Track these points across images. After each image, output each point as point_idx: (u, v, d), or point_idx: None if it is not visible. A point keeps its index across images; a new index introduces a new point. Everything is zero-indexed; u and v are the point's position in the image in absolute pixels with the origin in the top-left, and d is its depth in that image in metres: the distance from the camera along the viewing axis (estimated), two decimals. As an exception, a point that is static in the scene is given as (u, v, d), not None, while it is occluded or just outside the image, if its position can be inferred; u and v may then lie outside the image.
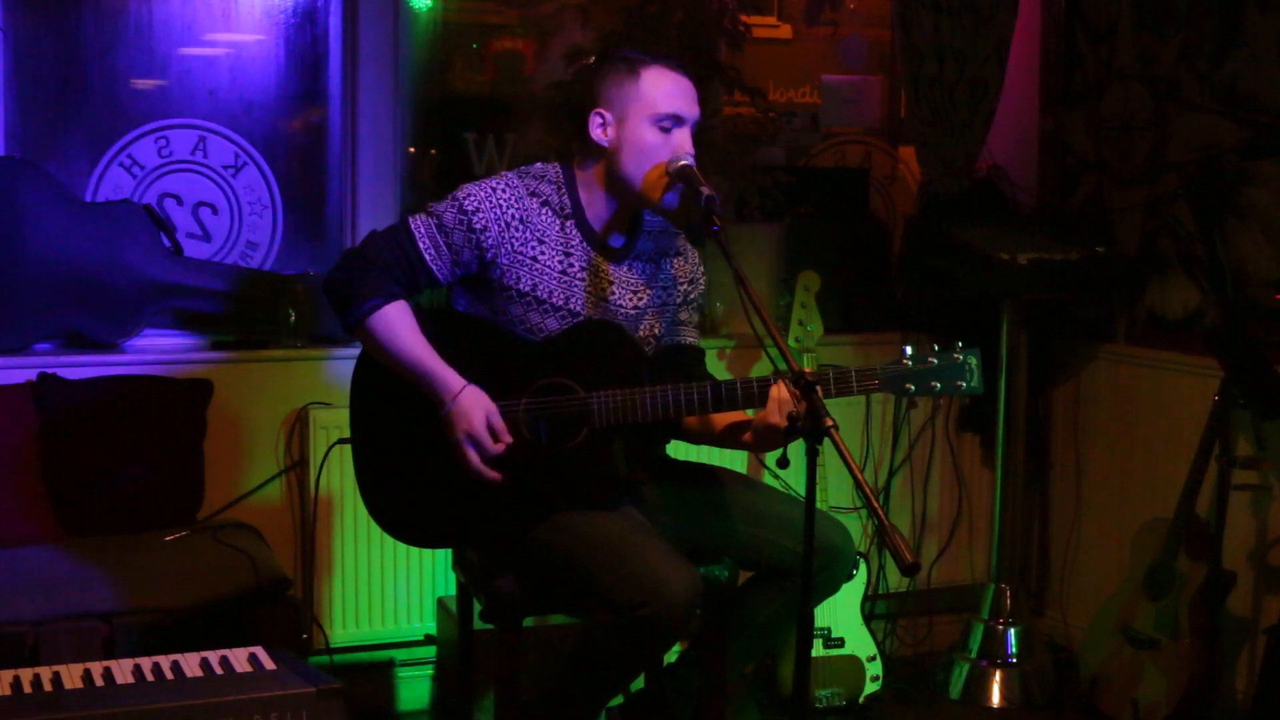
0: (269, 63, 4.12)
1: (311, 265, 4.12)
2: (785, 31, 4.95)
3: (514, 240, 2.89)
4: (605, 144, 2.91)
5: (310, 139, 4.19)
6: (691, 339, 3.11)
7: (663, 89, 2.88)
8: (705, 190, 2.77)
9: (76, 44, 3.93)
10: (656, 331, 3.04)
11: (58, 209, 3.71)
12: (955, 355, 2.77)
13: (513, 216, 2.89)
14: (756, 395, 2.80)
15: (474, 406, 2.81)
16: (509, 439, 2.83)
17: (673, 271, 3.06)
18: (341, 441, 3.70)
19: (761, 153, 4.47)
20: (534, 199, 2.92)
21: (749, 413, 2.90)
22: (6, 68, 3.85)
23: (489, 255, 2.88)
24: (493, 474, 2.83)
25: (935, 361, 2.77)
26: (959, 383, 2.77)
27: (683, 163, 2.85)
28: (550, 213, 2.93)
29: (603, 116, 2.91)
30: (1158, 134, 4.18)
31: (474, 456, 2.82)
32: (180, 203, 4.04)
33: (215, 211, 4.08)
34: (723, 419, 2.96)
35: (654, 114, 2.87)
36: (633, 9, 4.08)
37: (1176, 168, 4.12)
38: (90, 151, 3.96)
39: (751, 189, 4.20)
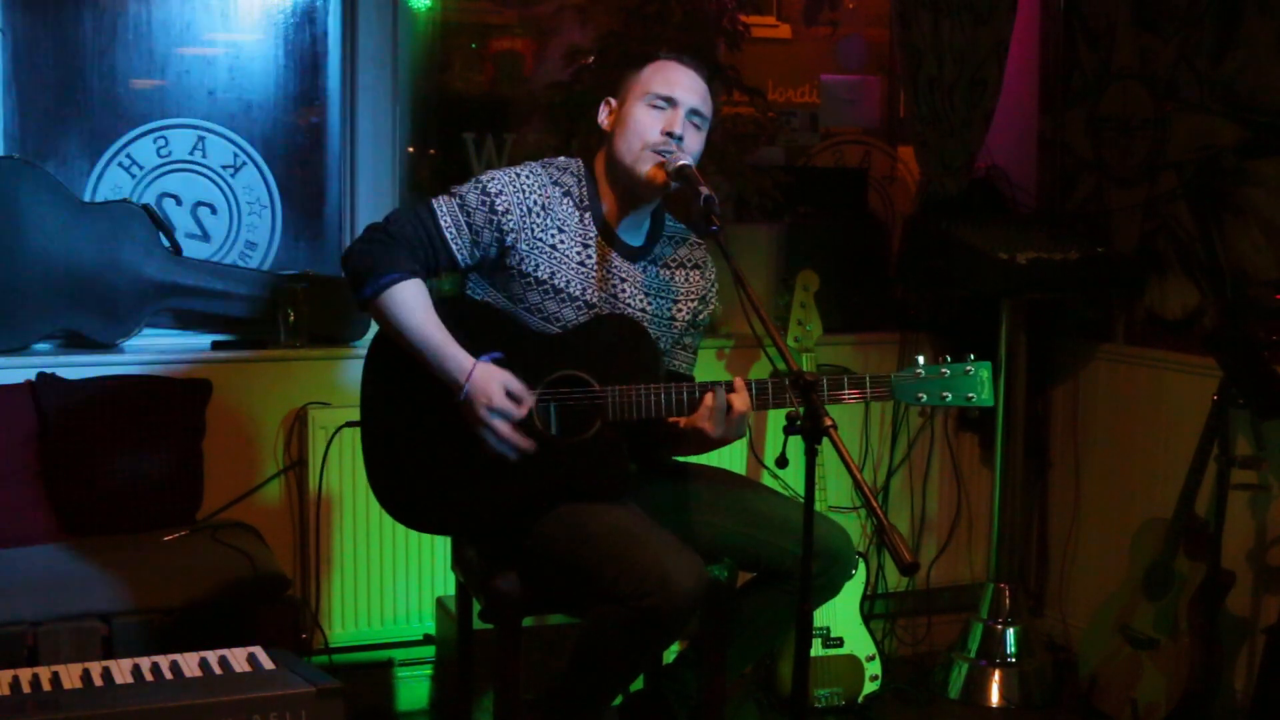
0: (268, 63, 4.12)
1: (310, 265, 4.12)
2: (784, 31, 4.95)
3: (535, 226, 2.90)
4: (607, 128, 2.98)
5: (309, 139, 4.19)
6: (686, 366, 3.12)
7: (661, 74, 2.93)
8: (704, 190, 2.77)
9: (75, 44, 3.93)
10: (662, 344, 3.04)
11: (57, 209, 3.71)
12: (967, 368, 2.81)
13: (535, 203, 2.91)
14: (771, 396, 2.81)
15: (489, 380, 2.80)
16: (531, 400, 2.83)
17: (684, 286, 3.06)
18: (349, 425, 3.69)
19: (760, 152, 4.47)
20: (557, 188, 2.94)
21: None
22: (6, 68, 3.85)
23: (509, 240, 2.89)
24: (527, 442, 2.83)
25: (947, 373, 2.81)
26: (969, 394, 2.81)
27: (681, 162, 2.86)
28: (571, 204, 2.94)
29: (609, 104, 2.99)
30: (1156, 134, 4.18)
31: (502, 426, 2.80)
32: (179, 203, 4.04)
33: (214, 211, 4.08)
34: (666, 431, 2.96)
35: (646, 93, 2.92)
36: (632, 9, 4.08)
37: (1175, 167, 4.13)
38: (89, 151, 3.96)
39: (750, 189, 4.20)
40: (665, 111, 2.91)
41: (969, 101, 4.32)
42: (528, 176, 2.93)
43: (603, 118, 2.99)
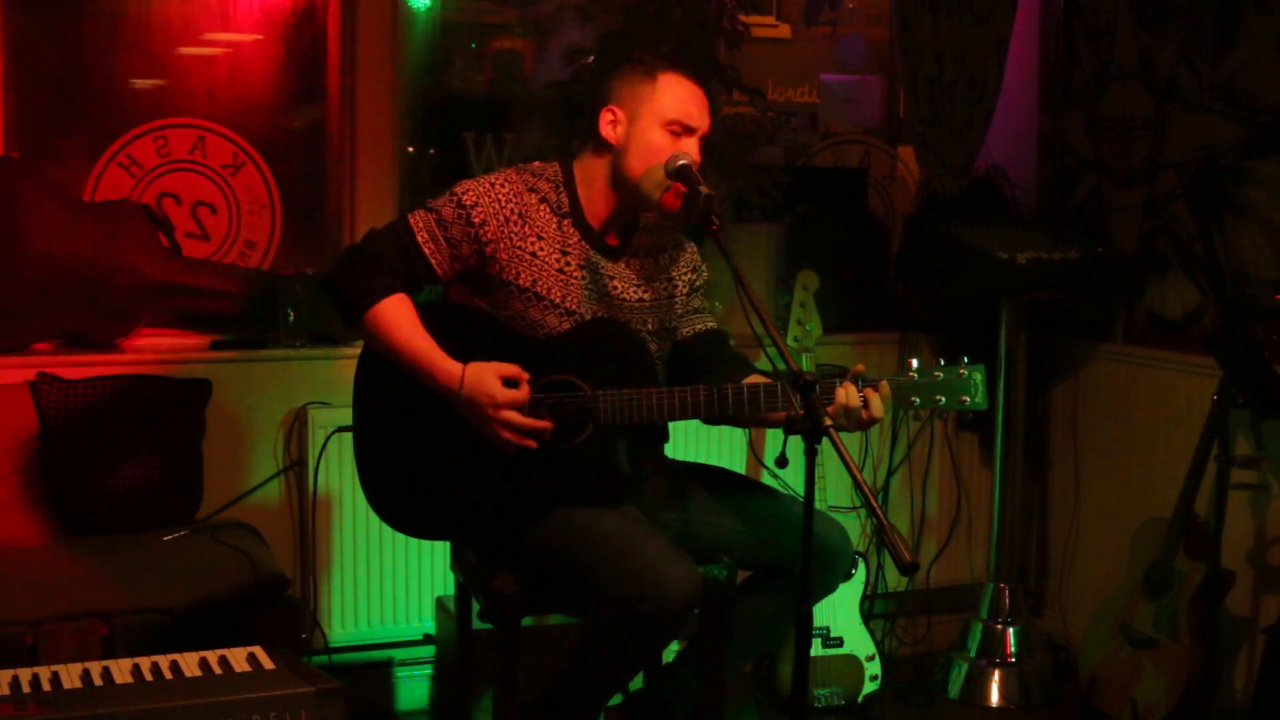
0: (268, 62, 4.11)
1: (310, 264, 4.12)
2: (784, 31, 4.95)
3: (512, 235, 2.89)
4: (614, 141, 2.93)
5: (309, 138, 4.19)
6: (709, 324, 3.10)
7: (677, 95, 2.90)
8: (704, 190, 2.77)
9: (75, 44, 3.93)
10: (669, 324, 3.04)
11: (56, 208, 3.71)
12: (961, 370, 2.79)
13: (511, 211, 2.90)
14: (763, 399, 2.80)
15: (482, 377, 2.79)
16: (527, 375, 2.82)
17: (673, 265, 3.06)
18: (342, 430, 3.69)
19: (760, 152, 4.47)
20: (533, 195, 2.93)
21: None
22: (6, 68, 3.85)
23: (488, 250, 2.89)
24: (543, 422, 2.82)
25: (941, 375, 2.79)
26: (963, 398, 2.78)
27: (681, 162, 2.86)
28: (548, 210, 2.93)
29: (614, 114, 2.93)
30: (1156, 133, 4.18)
31: (514, 417, 2.79)
32: (179, 202, 4.04)
33: (214, 211, 4.08)
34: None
35: (665, 119, 2.89)
36: (632, 9, 4.08)
37: (1175, 167, 4.13)
38: (89, 151, 3.96)
39: (750, 189, 4.19)
40: (682, 139, 2.89)
41: (969, 101, 4.32)
42: (503, 185, 2.92)
43: (607, 129, 2.92)
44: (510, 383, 2.80)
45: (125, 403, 3.54)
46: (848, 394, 2.72)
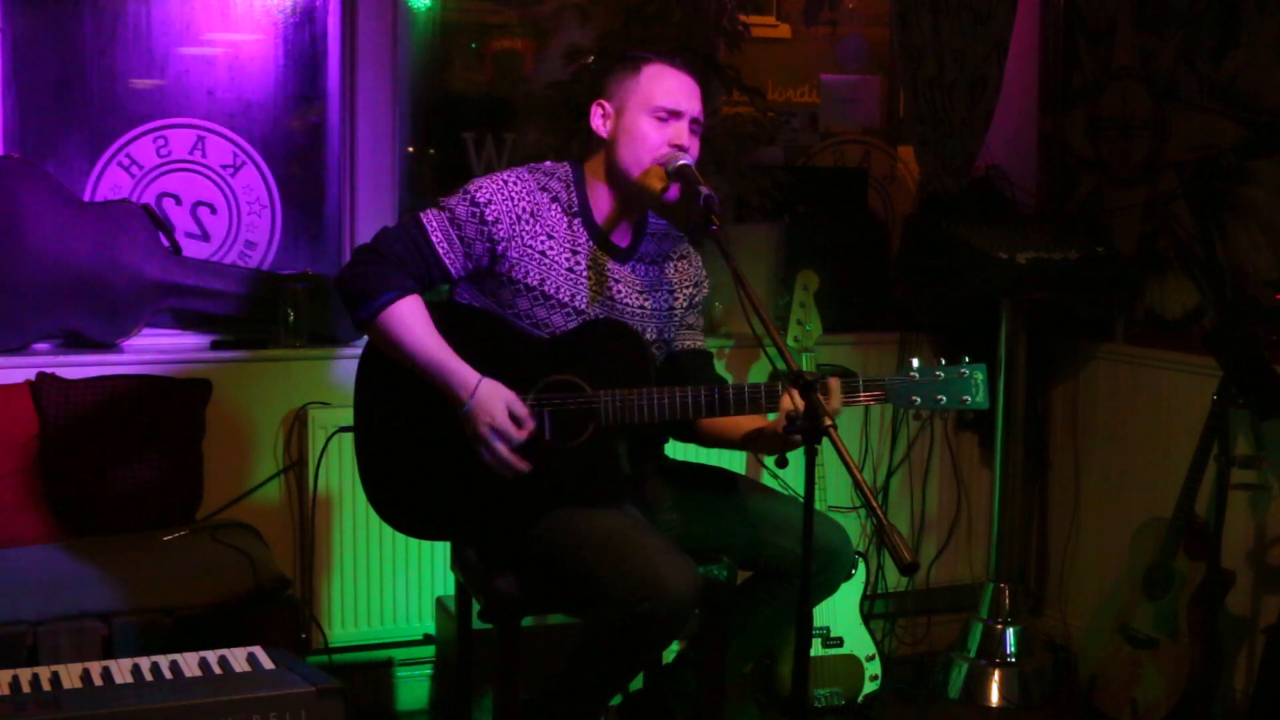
0: (267, 62, 4.12)
1: (310, 265, 4.12)
2: (784, 31, 4.95)
3: (524, 234, 2.90)
4: (604, 134, 2.95)
5: (309, 138, 4.19)
6: (698, 343, 3.12)
7: (661, 83, 2.92)
8: (704, 190, 2.78)
9: (75, 44, 3.93)
10: (666, 335, 3.05)
11: (56, 208, 3.71)
12: (961, 370, 2.79)
13: (524, 210, 2.90)
14: (764, 400, 2.80)
15: (493, 398, 2.80)
16: (532, 423, 2.83)
17: (676, 276, 3.07)
18: (343, 430, 3.70)
19: (760, 152, 4.47)
20: (544, 194, 2.94)
21: (770, 416, 2.90)
22: (6, 68, 3.85)
23: (500, 248, 2.89)
24: (522, 463, 2.83)
25: (941, 375, 2.79)
26: (964, 397, 2.79)
27: (681, 162, 2.87)
28: (559, 209, 2.94)
29: (603, 108, 2.96)
30: (1156, 133, 4.18)
31: (501, 447, 2.81)
32: (179, 202, 4.05)
33: (214, 211, 4.08)
34: (741, 425, 2.96)
35: (651, 106, 2.90)
36: (632, 9, 4.08)
37: (1175, 167, 4.12)
38: (89, 151, 3.96)
39: (750, 189, 4.20)
40: (669, 124, 2.91)
41: (969, 101, 4.32)
42: (515, 183, 2.92)
43: (597, 122, 2.96)
44: (516, 419, 2.81)
45: (125, 403, 3.54)
46: (793, 398, 2.72)
